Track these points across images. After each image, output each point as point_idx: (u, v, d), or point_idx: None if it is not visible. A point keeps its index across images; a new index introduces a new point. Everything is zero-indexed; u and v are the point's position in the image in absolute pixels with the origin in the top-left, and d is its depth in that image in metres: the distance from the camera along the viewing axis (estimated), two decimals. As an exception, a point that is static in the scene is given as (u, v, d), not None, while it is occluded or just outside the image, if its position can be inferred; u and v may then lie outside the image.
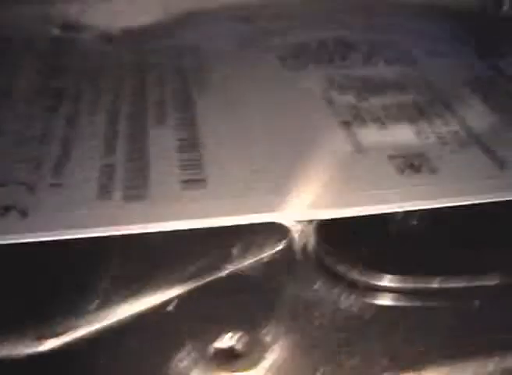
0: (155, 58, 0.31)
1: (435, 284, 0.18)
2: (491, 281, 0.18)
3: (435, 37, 0.33)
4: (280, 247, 0.19)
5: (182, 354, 0.16)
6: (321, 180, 0.22)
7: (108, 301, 0.17)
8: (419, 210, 0.20)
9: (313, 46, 0.32)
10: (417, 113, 0.26)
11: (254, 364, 0.15)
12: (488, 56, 0.31)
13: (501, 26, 0.34)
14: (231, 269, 0.18)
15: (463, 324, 0.17)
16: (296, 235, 0.19)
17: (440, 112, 0.26)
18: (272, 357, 0.16)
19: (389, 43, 0.32)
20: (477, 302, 0.17)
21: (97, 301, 0.17)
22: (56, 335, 0.16)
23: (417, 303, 0.18)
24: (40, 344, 0.16)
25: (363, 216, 0.20)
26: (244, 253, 0.19)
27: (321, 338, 0.16)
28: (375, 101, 0.27)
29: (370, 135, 0.24)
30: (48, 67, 0.30)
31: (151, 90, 0.28)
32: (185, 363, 0.16)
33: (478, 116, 0.26)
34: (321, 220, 0.20)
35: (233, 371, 0.15)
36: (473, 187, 0.21)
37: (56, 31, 0.34)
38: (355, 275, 0.18)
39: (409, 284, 0.18)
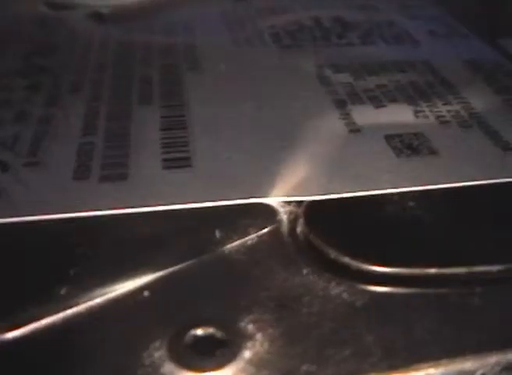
0: (144, 37, 0.30)
1: (432, 270, 0.17)
2: (493, 267, 0.17)
3: (435, 18, 0.33)
4: (266, 229, 0.18)
5: (157, 342, 0.15)
6: (312, 161, 0.21)
7: (79, 286, 0.16)
8: (416, 192, 0.19)
9: (309, 24, 0.31)
10: (416, 93, 0.25)
11: (234, 354, 0.15)
12: (489, 37, 0.30)
13: (502, 5, 0.33)
14: (213, 253, 0.17)
15: (463, 313, 0.16)
16: (284, 217, 0.19)
17: (440, 92, 0.25)
18: (255, 347, 0.15)
19: (387, 23, 0.32)
20: (478, 290, 0.16)
21: (67, 286, 0.16)
22: (25, 323, 0.15)
23: (414, 290, 0.17)
24: (8, 333, 0.15)
25: (356, 198, 0.19)
26: (228, 235, 0.18)
27: (309, 328, 0.15)
28: (372, 81, 0.26)
29: (366, 114, 0.23)
30: (35, 45, 0.30)
31: (139, 69, 0.27)
32: (161, 352, 0.15)
33: (480, 96, 0.25)
34: (311, 201, 0.19)
35: (212, 361, 0.14)
36: (474, 169, 0.21)
37: (44, 9, 0.33)
38: (347, 259, 0.17)
39: (405, 270, 0.17)
